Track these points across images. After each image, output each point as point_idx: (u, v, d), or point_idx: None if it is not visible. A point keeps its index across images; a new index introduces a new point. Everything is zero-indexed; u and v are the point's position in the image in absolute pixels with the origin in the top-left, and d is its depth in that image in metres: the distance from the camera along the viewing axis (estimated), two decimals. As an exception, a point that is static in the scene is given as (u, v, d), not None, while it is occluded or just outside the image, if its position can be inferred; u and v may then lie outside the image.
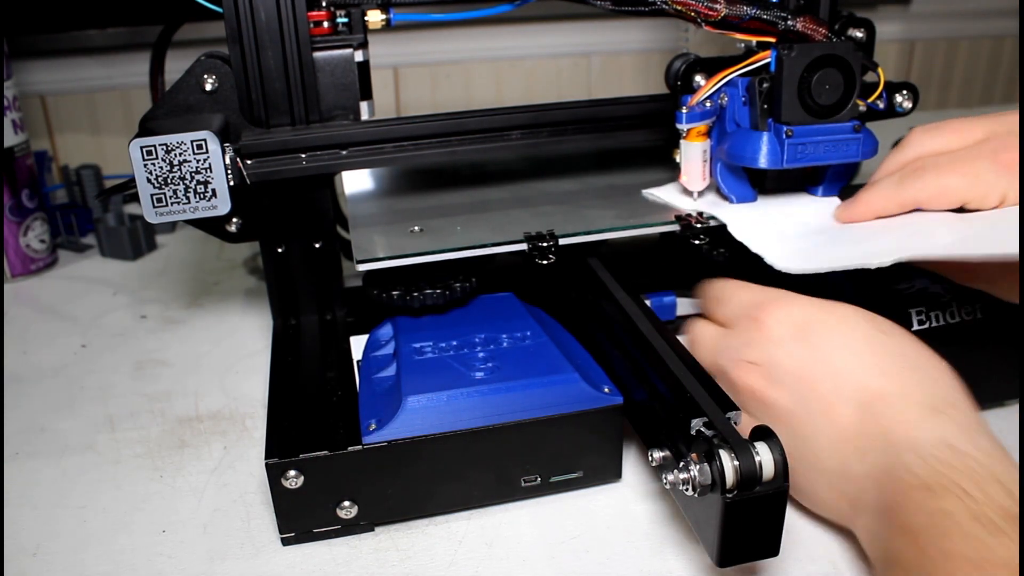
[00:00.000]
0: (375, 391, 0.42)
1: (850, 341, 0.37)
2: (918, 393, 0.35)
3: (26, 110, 0.81)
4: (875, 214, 0.44)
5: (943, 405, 0.35)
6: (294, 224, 0.50)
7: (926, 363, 0.37)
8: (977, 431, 0.34)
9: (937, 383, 0.36)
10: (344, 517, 0.39)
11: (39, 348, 0.61)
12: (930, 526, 0.30)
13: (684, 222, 0.47)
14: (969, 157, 0.41)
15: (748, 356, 0.39)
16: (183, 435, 0.49)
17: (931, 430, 0.33)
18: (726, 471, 0.31)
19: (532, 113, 0.48)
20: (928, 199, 0.41)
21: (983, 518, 0.29)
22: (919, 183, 0.41)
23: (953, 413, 0.34)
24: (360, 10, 0.47)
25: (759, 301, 0.41)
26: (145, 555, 0.40)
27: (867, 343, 0.37)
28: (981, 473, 0.31)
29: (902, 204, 0.43)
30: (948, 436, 0.33)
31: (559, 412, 0.40)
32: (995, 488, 0.30)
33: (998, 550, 0.28)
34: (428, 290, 0.46)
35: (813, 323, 0.38)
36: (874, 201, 0.44)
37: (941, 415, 0.34)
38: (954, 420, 0.34)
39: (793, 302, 0.40)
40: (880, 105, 0.47)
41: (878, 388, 0.36)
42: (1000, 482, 0.31)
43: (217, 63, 0.46)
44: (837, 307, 0.39)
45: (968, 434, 0.33)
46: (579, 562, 0.38)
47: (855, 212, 0.45)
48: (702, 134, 0.48)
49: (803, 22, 0.44)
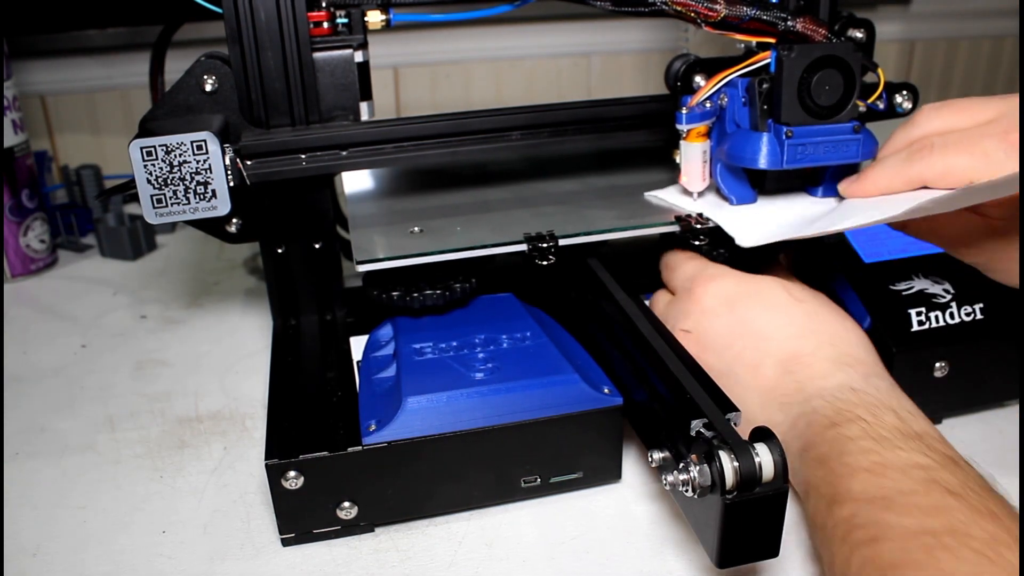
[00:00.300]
0: (375, 392, 0.42)
1: (770, 310, 0.43)
2: (827, 350, 0.41)
3: (26, 110, 0.81)
4: (880, 191, 0.43)
5: (848, 360, 0.40)
6: (294, 225, 0.50)
7: (836, 325, 0.42)
8: (876, 376, 0.39)
9: (844, 341, 0.41)
10: (344, 518, 0.39)
11: (39, 348, 0.61)
12: (835, 450, 0.35)
13: (684, 223, 0.47)
14: (977, 136, 0.40)
15: (684, 324, 0.44)
16: (183, 435, 0.49)
17: (836, 379, 0.39)
18: (726, 472, 0.31)
19: (532, 114, 0.48)
20: (935, 177, 0.41)
21: (877, 436, 0.35)
22: (926, 161, 0.41)
23: (856, 365, 0.40)
24: (360, 10, 0.47)
25: (695, 275, 0.46)
26: (145, 556, 0.40)
27: (785, 311, 0.43)
28: (876, 404, 0.37)
29: (908, 181, 0.42)
30: (850, 382, 0.39)
31: (559, 413, 0.40)
32: (888, 414, 0.36)
33: (891, 459, 0.33)
34: (428, 291, 0.46)
35: (739, 295, 0.44)
36: (880, 178, 0.43)
37: (845, 367, 0.40)
38: (856, 370, 0.40)
39: (723, 276, 0.45)
40: (880, 106, 0.47)
41: (794, 349, 0.41)
42: (892, 409, 0.36)
43: (217, 63, 0.46)
44: (760, 280, 0.44)
45: (867, 379, 0.39)
46: (579, 563, 0.38)
47: (861, 188, 0.44)
48: (702, 135, 0.48)
49: (803, 23, 0.44)
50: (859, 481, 0.33)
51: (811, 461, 0.36)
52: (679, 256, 0.49)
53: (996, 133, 0.39)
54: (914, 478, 0.32)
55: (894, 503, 0.31)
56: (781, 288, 0.44)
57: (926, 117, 0.43)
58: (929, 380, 0.45)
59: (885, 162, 0.43)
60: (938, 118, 0.43)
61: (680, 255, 0.49)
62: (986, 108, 0.41)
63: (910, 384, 0.45)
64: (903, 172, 0.42)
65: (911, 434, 0.35)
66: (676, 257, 0.49)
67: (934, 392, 0.46)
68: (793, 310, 0.43)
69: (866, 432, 0.35)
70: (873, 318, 0.45)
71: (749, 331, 0.42)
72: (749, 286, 0.44)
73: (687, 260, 0.48)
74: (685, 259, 0.48)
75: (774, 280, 0.45)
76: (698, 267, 0.47)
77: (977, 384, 0.47)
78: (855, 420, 0.36)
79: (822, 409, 0.38)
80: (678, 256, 0.49)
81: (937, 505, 0.31)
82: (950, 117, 0.42)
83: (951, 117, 0.42)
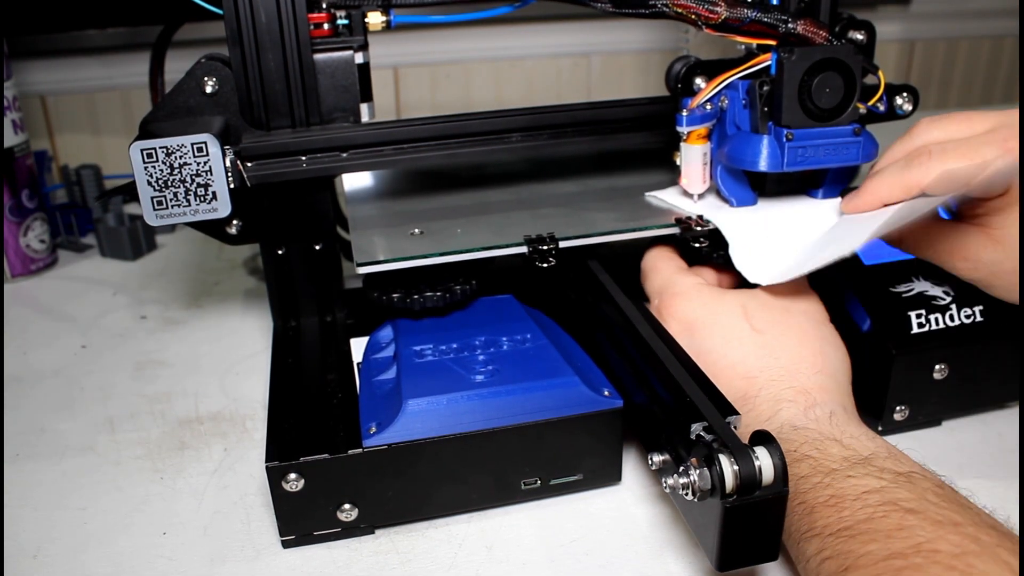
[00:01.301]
0: (375, 394, 0.42)
1: (725, 342, 0.42)
2: (771, 388, 0.40)
3: (26, 110, 0.81)
4: (880, 201, 0.43)
5: (790, 394, 0.40)
6: (294, 226, 0.50)
7: (789, 356, 0.42)
8: (818, 407, 0.39)
9: (791, 373, 0.41)
10: (344, 520, 0.39)
11: (39, 348, 0.61)
12: (792, 492, 0.34)
13: (684, 225, 0.47)
14: (976, 143, 0.40)
15: None
16: (183, 436, 0.49)
17: (778, 420, 0.39)
18: (726, 476, 0.31)
19: (532, 115, 0.48)
20: (933, 184, 0.41)
21: (826, 469, 0.35)
22: (924, 167, 0.41)
23: (799, 399, 0.40)
24: (360, 12, 0.47)
25: (662, 289, 0.47)
26: (145, 557, 0.40)
27: (739, 344, 0.42)
28: (819, 438, 0.37)
29: (906, 188, 0.42)
30: (791, 419, 0.39)
31: (559, 415, 0.40)
32: (833, 445, 0.36)
33: (844, 489, 0.33)
34: (428, 292, 0.46)
35: (698, 321, 0.44)
36: (879, 188, 0.43)
37: (787, 403, 0.40)
38: (798, 404, 0.39)
39: (686, 296, 0.45)
40: (880, 108, 0.47)
41: (742, 389, 0.41)
42: (835, 439, 0.37)
43: (217, 65, 0.46)
44: (722, 303, 0.44)
45: (808, 412, 0.39)
46: (579, 565, 0.38)
47: (861, 201, 0.44)
48: (702, 137, 0.48)
49: (803, 25, 0.44)
50: (820, 516, 0.33)
51: None
52: (652, 261, 0.49)
53: (995, 141, 0.40)
54: (870, 503, 0.32)
55: (857, 532, 0.31)
56: (741, 316, 0.43)
57: (924, 128, 0.44)
58: (929, 382, 0.45)
59: (883, 172, 0.43)
60: (936, 128, 0.43)
61: (654, 260, 0.49)
62: (984, 120, 0.42)
63: (910, 386, 0.45)
64: (901, 179, 0.42)
65: (859, 460, 0.35)
66: (650, 262, 0.49)
67: (934, 394, 0.46)
68: (747, 344, 0.42)
69: (815, 468, 0.35)
70: (873, 320, 0.45)
71: (706, 363, 0.41)
72: (709, 311, 0.44)
73: (657, 270, 0.48)
74: (656, 268, 0.48)
75: (736, 304, 0.44)
76: (665, 280, 0.47)
77: (977, 386, 0.47)
78: (802, 459, 0.36)
79: None
80: (651, 261, 0.49)
81: (898, 526, 0.31)
82: (948, 128, 0.43)
83: (949, 128, 0.43)
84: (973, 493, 0.34)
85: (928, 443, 0.46)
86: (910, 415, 0.46)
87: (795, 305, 0.44)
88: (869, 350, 0.45)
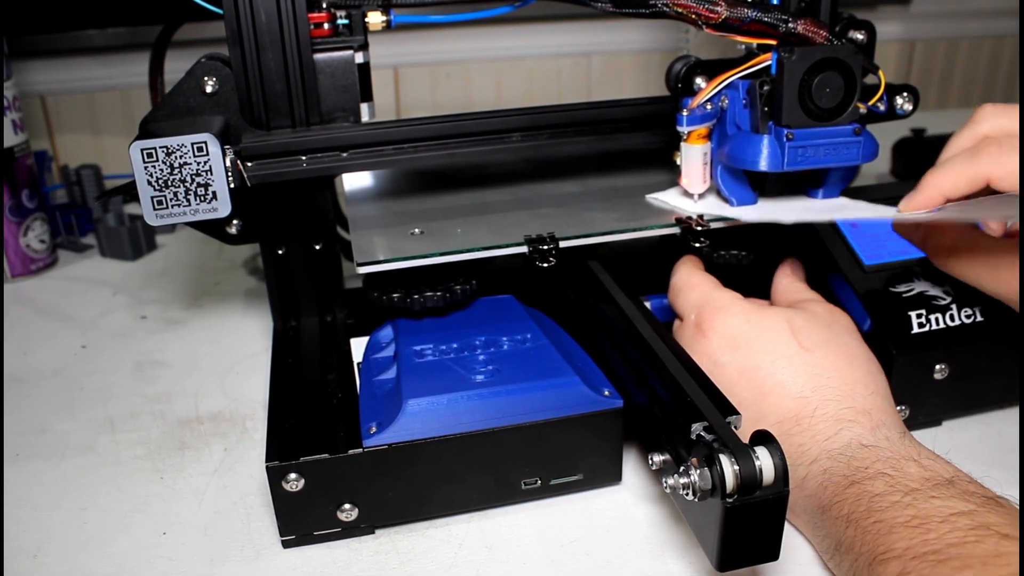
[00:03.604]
0: (375, 394, 0.42)
1: (774, 361, 0.40)
2: (829, 407, 0.39)
3: (26, 110, 0.81)
4: (943, 196, 0.41)
5: (851, 414, 0.38)
6: (294, 226, 0.50)
7: (843, 376, 0.40)
8: (885, 427, 0.38)
9: (849, 394, 0.39)
10: (344, 520, 0.39)
11: (39, 348, 0.61)
12: (862, 508, 0.34)
13: (684, 225, 0.47)
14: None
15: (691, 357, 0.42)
16: (183, 436, 0.49)
17: (843, 438, 0.37)
18: (726, 476, 0.31)
19: (532, 115, 0.48)
20: (1003, 175, 0.39)
21: (906, 488, 0.33)
22: (995, 158, 0.39)
23: (861, 419, 0.38)
24: (360, 11, 0.47)
25: (701, 305, 0.44)
26: (145, 557, 0.40)
27: (788, 363, 0.40)
28: (894, 457, 0.35)
29: (972, 179, 0.40)
30: (858, 438, 0.37)
31: (559, 415, 0.40)
32: (910, 465, 0.35)
33: (929, 510, 0.32)
34: (428, 292, 0.46)
35: (744, 337, 0.42)
36: (942, 181, 0.41)
37: (849, 423, 0.38)
38: (862, 424, 0.38)
39: (729, 311, 0.43)
40: (881, 108, 0.47)
41: (795, 410, 0.39)
42: (912, 459, 0.35)
43: (217, 65, 0.46)
44: (767, 318, 0.42)
45: (876, 432, 0.37)
46: (579, 565, 0.38)
47: (921, 199, 0.42)
48: (703, 137, 0.48)
49: (804, 25, 0.44)
50: (901, 538, 0.31)
51: (836, 520, 0.35)
52: (686, 277, 0.47)
53: None
54: (960, 527, 0.30)
55: (947, 556, 0.29)
56: (788, 332, 0.41)
57: (989, 114, 0.42)
58: (929, 382, 0.45)
59: (946, 164, 0.41)
60: (1004, 116, 0.41)
61: (687, 275, 0.47)
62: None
63: (910, 386, 0.45)
64: (968, 170, 0.40)
65: (941, 481, 0.33)
66: (681, 280, 0.47)
67: (934, 394, 0.46)
68: (797, 362, 0.40)
69: (892, 486, 0.33)
70: (873, 320, 0.45)
71: (751, 380, 0.40)
72: (754, 327, 0.42)
73: (692, 286, 0.46)
74: (691, 284, 0.46)
75: (782, 320, 0.42)
76: (703, 296, 0.45)
77: (977, 386, 0.47)
78: (877, 476, 0.34)
79: (835, 469, 0.36)
80: (684, 280, 0.47)
81: (995, 552, 0.29)
82: (1016, 118, 0.41)
83: (1017, 118, 0.41)
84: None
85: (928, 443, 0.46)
86: (910, 415, 0.46)
87: (837, 322, 0.43)
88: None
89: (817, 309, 0.44)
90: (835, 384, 0.39)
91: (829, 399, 0.39)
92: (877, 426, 0.38)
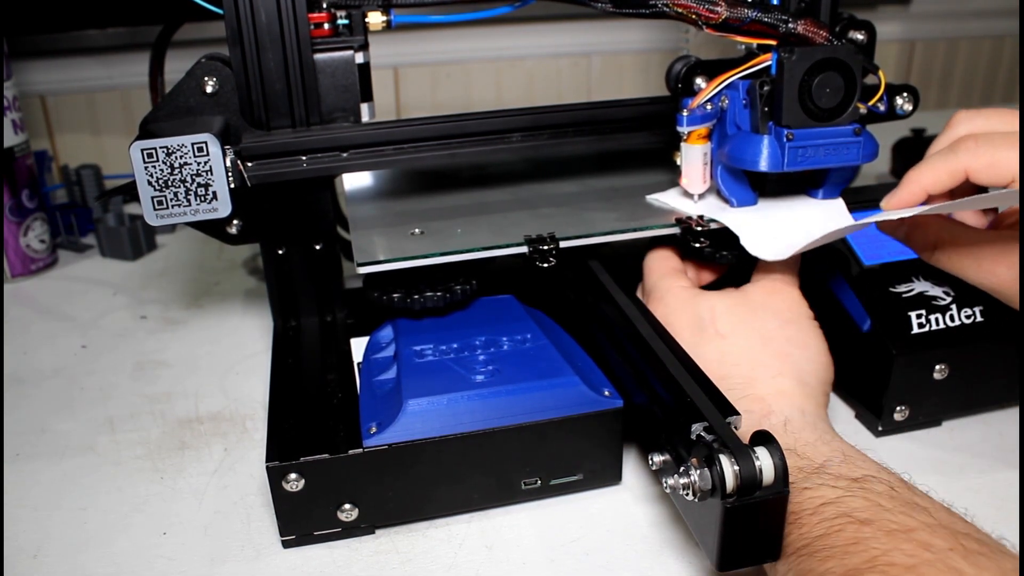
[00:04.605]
0: (376, 394, 0.42)
1: (692, 347, 0.42)
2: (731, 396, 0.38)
3: (26, 110, 0.81)
4: (924, 191, 0.42)
5: (748, 403, 0.40)
6: (294, 226, 0.50)
7: (748, 362, 0.42)
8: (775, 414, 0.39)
9: (749, 382, 0.41)
10: (345, 520, 0.39)
11: (39, 348, 0.61)
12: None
13: (684, 225, 0.47)
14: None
15: None
16: (183, 436, 0.49)
17: None
18: (726, 476, 0.31)
19: (532, 115, 0.48)
20: (980, 167, 0.40)
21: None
22: (972, 152, 0.40)
23: (755, 407, 0.40)
24: (361, 11, 0.47)
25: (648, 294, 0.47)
26: (146, 557, 0.40)
27: (704, 351, 0.42)
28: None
29: (952, 173, 0.41)
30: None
31: (559, 415, 0.40)
32: (790, 457, 0.35)
33: (802, 503, 0.33)
34: (428, 292, 0.46)
35: (668, 327, 0.44)
36: (922, 176, 0.42)
37: (745, 413, 0.38)
38: (753, 415, 0.39)
39: (660, 304, 0.45)
40: (881, 108, 0.47)
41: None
42: (791, 449, 0.36)
43: (218, 65, 0.46)
44: (690, 309, 0.44)
45: (762, 422, 0.39)
46: (579, 565, 0.38)
47: (903, 194, 0.43)
48: (703, 137, 0.48)
49: (804, 25, 0.44)
50: (786, 535, 0.33)
51: None
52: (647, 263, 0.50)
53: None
54: (827, 516, 0.32)
55: (814, 549, 0.31)
56: (708, 320, 0.44)
57: (964, 118, 0.43)
58: (929, 382, 0.45)
59: (926, 160, 0.42)
60: (979, 118, 0.43)
61: (648, 262, 0.50)
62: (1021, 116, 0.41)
63: (910, 386, 0.45)
64: (947, 164, 0.41)
65: (812, 469, 0.35)
66: (645, 264, 0.50)
67: (934, 394, 0.46)
68: (710, 349, 0.42)
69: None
70: (873, 320, 0.45)
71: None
72: (677, 315, 0.45)
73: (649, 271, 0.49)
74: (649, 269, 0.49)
75: (706, 307, 0.44)
76: (652, 283, 0.48)
77: (977, 386, 0.47)
78: None
79: None
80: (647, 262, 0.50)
81: (853, 539, 0.31)
82: (990, 118, 0.42)
83: (991, 119, 0.42)
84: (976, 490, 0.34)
85: (928, 443, 0.46)
86: (910, 415, 0.46)
87: (767, 304, 0.44)
88: (869, 350, 0.45)
89: (752, 292, 0.45)
90: (743, 371, 0.41)
91: (732, 388, 0.40)
92: (765, 415, 0.39)
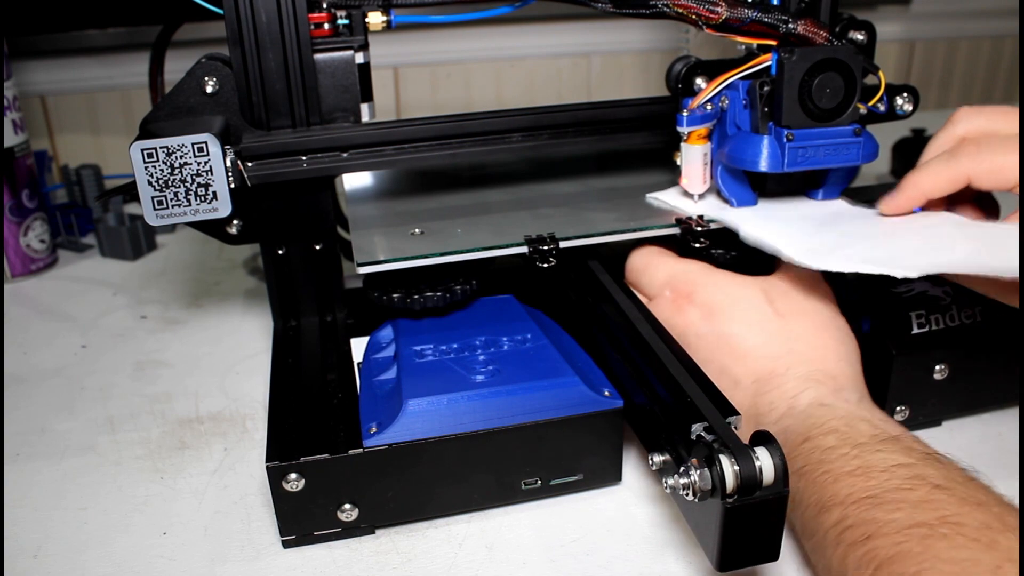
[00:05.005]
0: (376, 394, 0.42)
1: (749, 326, 0.43)
2: (799, 368, 0.41)
3: (26, 110, 0.81)
4: (924, 195, 0.42)
5: (819, 376, 0.40)
6: (294, 226, 0.50)
7: (812, 342, 0.42)
8: (847, 390, 0.40)
9: (818, 358, 0.41)
10: (345, 520, 0.39)
11: (39, 348, 0.61)
12: (813, 460, 0.35)
13: (684, 225, 0.47)
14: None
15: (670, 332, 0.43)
16: (183, 436, 0.49)
17: (806, 397, 0.39)
18: (726, 476, 0.31)
19: (532, 115, 0.48)
20: (981, 174, 0.40)
21: (854, 442, 0.35)
22: (973, 157, 0.40)
23: (827, 381, 0.40)
24: (361, 12, 0.47)
25: (672, 279, 0.46)
26: (146, 557, 0.40)
27: (762, 327, 0.42)
28: (848, 416, 0.37)
29: (953, 178, 0.41)
30: (820, 398, 0.39)
31: (560, 415, 0.40)
32: (862, 423, 0.36)
33: (873, 461, 0.34)
34: (429, 292, 0.46)
35: (718, 306, 0.44)
36: (922, 181, 0.42)
37: (816, 384, 0.40)
38: (827, 386, 0.40)
39: (702, 287, 0.45)
40: (881, 108, 0.47)
41: (769, 369, 0.41)
42: (865, 419, 0.37)
43: (218, 65, 0.46)
44: (742, 288, 0.44)
45: (838, 393, 0.39)
46: (579, 565, 0.38)
47: (901, 199, 0.43)
48: (703, 137, 0.48)
49: (804, 25, 0.44)
50: (845, 485, 0.33)
51: (792, 475, 0.36)
52: (645, 258, 0.48)
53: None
54: (898, 476, 0.33)
55: (883, 500, 0.32)
56: (763, 300, 0.43)
57: (967, 116, 0.43)
58: (929, 382, 0.45)
59: (926, 164, 0.42)
60: (980, 117, 0.42)
61: (646, 256, 0.48)
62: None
63: (910, 386, 0.45)
64: (948, 170, 0.41)
65: (888, 438, 0.35)
66: (641, 259, 0.48)
67: (934, 394, 0.46)
68: (771, 327, 0.42)
69: (843, 440, 0.35)
70: (873, 321, 0.45)
71: (727, 346, 0.42)
72: (730, 295, 0.44)
73: (657, 264, 0.47)
74: (653, 263, 0.48)
75: (758, 289, 0.44)
76: (672, 270, 0.46)
77: (977, 387, 0.47)
78: (829, 432, 0.36)
79: (794, 427, 0.38)
80: (644, 258, 0.48)
81: (925, 499, 0.31)
82: (993, 118, 0.42)
83: (994, 118, 0.42)
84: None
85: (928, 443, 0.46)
86: (910, 415, 0.46)
87: (813, 294, 0.44)
88: (869, 350, 0.45)
89: (796, 279, 0.45)
90: (806, 349, 0.42)
91: (799, 362, 0.41)
92: (839, 389, 0.40)
